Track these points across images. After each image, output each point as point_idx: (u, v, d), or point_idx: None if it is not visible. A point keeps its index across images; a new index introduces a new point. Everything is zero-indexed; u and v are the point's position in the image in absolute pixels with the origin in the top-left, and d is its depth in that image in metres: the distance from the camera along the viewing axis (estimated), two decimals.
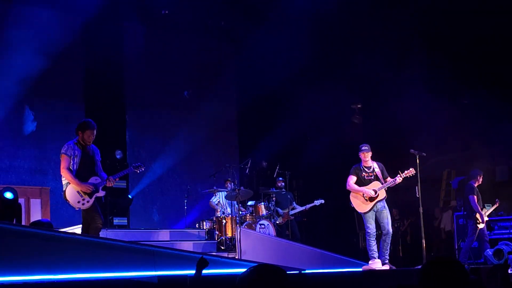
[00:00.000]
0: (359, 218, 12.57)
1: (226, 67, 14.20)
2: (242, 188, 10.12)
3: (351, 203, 8.14)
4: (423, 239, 8.34)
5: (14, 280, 4.27)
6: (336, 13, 11.07)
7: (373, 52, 11.83)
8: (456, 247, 10.71)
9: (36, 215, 8.41)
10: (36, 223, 7.08)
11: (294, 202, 11.56)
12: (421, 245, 8.37)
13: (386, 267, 7.93)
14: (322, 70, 12.59)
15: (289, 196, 11.37)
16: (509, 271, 7.20)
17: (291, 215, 11.14)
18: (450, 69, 11.44)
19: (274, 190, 11.12)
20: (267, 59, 12.63)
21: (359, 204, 8.08)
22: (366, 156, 8.10)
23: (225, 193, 10.62)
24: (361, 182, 8.08)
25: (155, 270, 5.00)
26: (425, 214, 8.59)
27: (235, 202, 10.04)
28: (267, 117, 13.45)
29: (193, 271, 3.79)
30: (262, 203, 10.80)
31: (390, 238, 8.09)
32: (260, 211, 10.66)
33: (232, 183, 10.75)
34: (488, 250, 9.47)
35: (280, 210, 11.08)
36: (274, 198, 11.02)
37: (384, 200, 8.07)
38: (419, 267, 7.76)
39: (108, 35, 11.40)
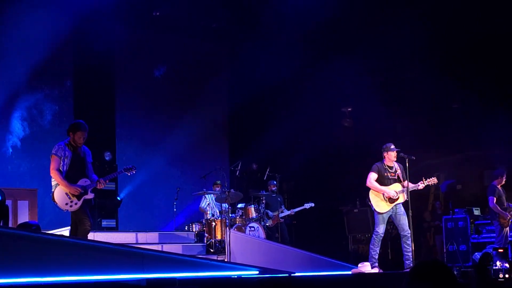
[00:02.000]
0: (349, 221, 12.65)
1: (217, 69, 14.18)
2: (232, 190, 10.10)
3: (369, 200, 7.90)
4: (412, 242, 8.35)
5: (1, 283, 4.23)
6: (328, 17, 11.09)
7: (365, 57, 11.87)
8: (445, 251, 10.75)
9: (23, 216, 8.31)
10: (24, 225, 7.00)
11: (283, 205, 11.55)
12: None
13: (376, 270, 7.93)
14: (313, 74, 12.60)
15: (279, 199, 11.36)
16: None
17: (281, 217, 11.13)
18: (441, 73, 11.49)
19: (264, 193, 11.11)
20: (259, 61, 12.64)
21: (378, 203, 7.85)
22: (395, 155, 7.87)
23: (214, 196, 10.60)
24: (383, 181, 7.86)
25: (144, 273, 4.96)
26: (414, 218, 8.59)
27: (224, 204, 10.01)
28: (257, 120, 13.45)
29: (183, 274, 3.76)
30: (252, 205, 10.78)
31: (410, 239, 7.84)
32: (250, 214, 10.65)
33: (220, 187, 10.71)
34: (476, 253, 9.51)
35: (270, 213, 11.07)
36: (264, 201, 11.01)
37: (401, 204, 7.89)
38: (407, 270, 7.80)
39: (98, 36, 11.34)
